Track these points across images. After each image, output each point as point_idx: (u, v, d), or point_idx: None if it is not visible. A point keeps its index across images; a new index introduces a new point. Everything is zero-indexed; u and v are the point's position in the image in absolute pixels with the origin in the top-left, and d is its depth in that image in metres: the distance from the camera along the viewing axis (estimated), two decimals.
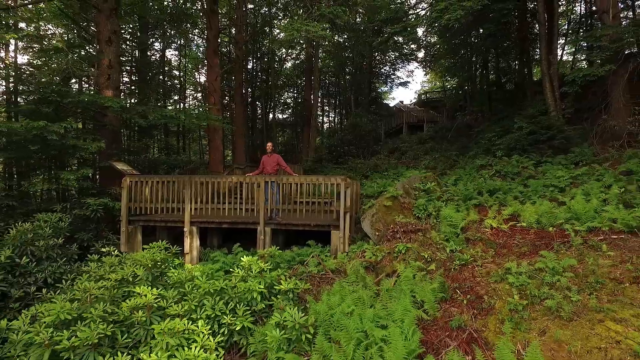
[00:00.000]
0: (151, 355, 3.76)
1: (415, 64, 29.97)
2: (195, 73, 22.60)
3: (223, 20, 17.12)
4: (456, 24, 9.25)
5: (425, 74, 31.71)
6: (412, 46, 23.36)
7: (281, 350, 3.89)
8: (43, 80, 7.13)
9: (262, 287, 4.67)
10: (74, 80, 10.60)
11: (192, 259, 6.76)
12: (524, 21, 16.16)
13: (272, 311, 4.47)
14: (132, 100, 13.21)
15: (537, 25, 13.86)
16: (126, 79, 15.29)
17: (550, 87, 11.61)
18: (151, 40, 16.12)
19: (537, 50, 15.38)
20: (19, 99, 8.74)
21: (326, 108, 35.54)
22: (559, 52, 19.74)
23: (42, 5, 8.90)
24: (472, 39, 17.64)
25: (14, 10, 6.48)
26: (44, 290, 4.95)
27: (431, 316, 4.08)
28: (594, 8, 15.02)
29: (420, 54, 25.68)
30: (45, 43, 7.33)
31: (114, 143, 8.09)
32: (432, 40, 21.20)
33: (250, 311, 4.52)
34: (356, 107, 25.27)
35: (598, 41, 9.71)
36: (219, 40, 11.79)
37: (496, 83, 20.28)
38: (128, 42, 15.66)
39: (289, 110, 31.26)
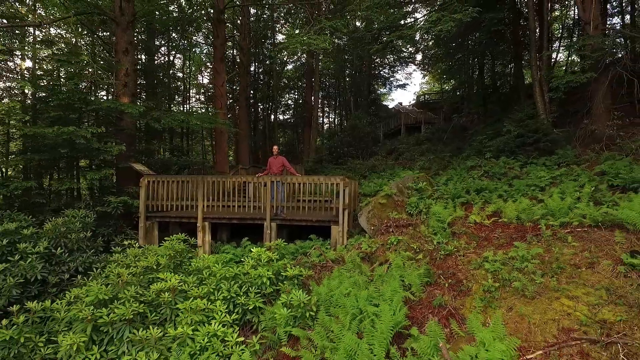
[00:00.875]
0: (177, 329, 4.44)
1: (414, 67, 30.57)
2: (199, 76, 23.27)
3: (227, 24, 17.79)
4: (448, 34, 9.90)
5: (424, 77, 32.33)
6: (411, 49, 24.01)
7: (288, 326, 4.56)
8: (65, 89, 7.77)
9: (270, 273, 5.34)
10: (83, 86, 11.17)
11: (205, 251, 7.42)
12: (517, 26, 16.80)
13: (279, 295, 5.14)
14: (147, 105, 13.84)
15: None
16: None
17: (540, 91, 12.28)
18: (157, 45, 16.76)
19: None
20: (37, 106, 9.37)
21: (326, 109, 36.23)
22: (555, 55, 20.42)
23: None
24: (468, 42, 18.28)
25: (44, 26, 7.13)
26: (79, 277, 5.62)
27: (417, 297, 4.75)
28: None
29: (419, 56, 26.36)
30: (64, 52, 7.90)
31: (131, 145, 8.75)
32: (430, 43, 21.81)
33: (260, 294, 5.19)
34: (356, 109, 25.93)
35: (581, 50, 10.38)
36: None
37: (491, 86, 20.95)
38: (136, 48, 16.30)
39: (290, 112, 31.97)
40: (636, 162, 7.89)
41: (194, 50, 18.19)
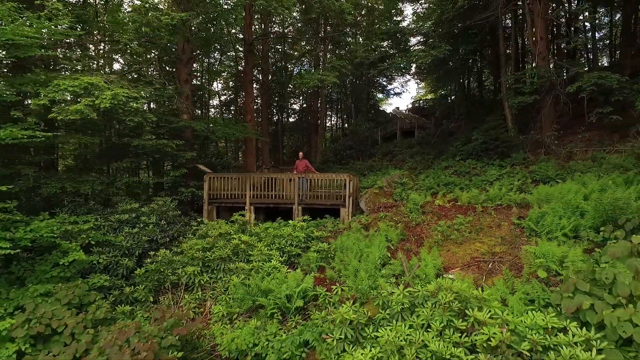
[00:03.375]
0: (252, 264, 7.52)
1: (409, 76, 33.50)
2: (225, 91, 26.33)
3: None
4: (425, 65, 12.94)
5: (418, 85, 35.28)
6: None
7: (317, 262, 7.63)
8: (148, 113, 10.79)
9: (303, 234, 8.42)
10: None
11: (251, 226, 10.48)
12: (496, 45, 19.84)
13: (309, 247, 8.21)
14: (206, 121, 16.74)
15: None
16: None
17: (508, 104, 15.31)
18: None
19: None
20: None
21: (328, 112, 39.27)
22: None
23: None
24: (451, 62, 21.34)
25: (124, 74, 10.10)
26: (181, 238, 8.70)
27: (394, 246, 7.82)
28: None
29: (413, 67, 29.37)
30: (157, 88, 10.55)
31: (191, 151, 11.76)
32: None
33: (298, 247, 8.27)
34: (356, 113, 28.97)
35: (529, 77, 13.43)
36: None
37: (476, 96, 24.02)
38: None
39: (295, 115, 35.04)
40: (559, 163, 10.95)
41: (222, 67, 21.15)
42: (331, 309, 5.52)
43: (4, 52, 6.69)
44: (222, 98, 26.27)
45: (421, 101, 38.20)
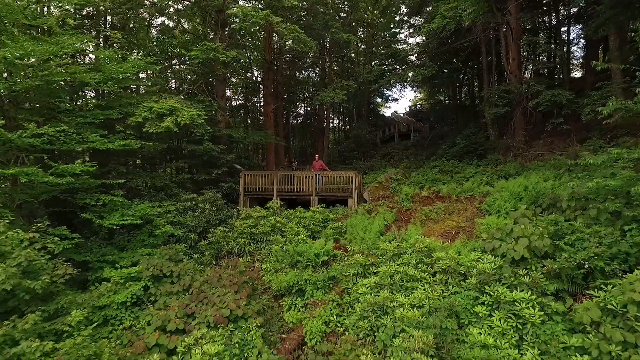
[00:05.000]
0: (286, 237, 10.34)
1: (405, 83, 36.33)
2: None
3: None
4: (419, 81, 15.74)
5: (414, 92, 38.01)
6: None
7: (333, 235, 10.45)
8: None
9: (321, 217, 11.25)
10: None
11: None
12: (480, 61, 22.65)
13: (327, 225, 11.02)
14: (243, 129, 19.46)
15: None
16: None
17: (486, 114, 18.12)
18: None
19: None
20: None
21: (331, 115, 42.08)
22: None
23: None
24: (442, 73, 24.18)
25: (184, 94, 12.95)
26: (228, 220, 11.52)
27: (389, 223, 10.65)
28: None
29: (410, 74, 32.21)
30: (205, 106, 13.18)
31: (229, 154, 14.57)
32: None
33: (318, 225, 11.08)
34: (358, 117, 31.74)
35: (504, 92, 16.24)
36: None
37: (466, 103, 26.84)
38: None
39: (300, 118, 37.88)
40: (521, 163, 13.75)
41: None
42: (346, 261, 8.36)
43: (110, 82, 9.45)
44: (234, 103, 29.08)
45: (418, 104, 40.98)
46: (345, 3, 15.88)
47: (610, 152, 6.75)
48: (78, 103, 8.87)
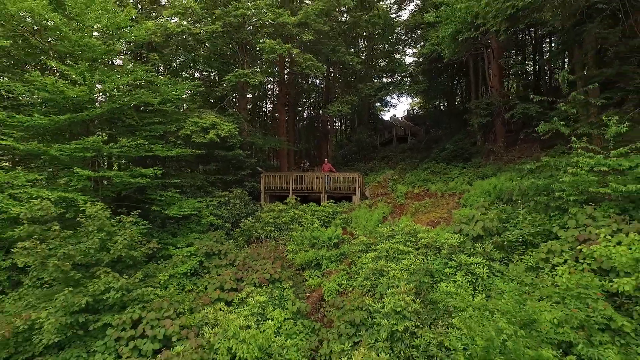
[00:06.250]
0: (303, 225, 12.90)
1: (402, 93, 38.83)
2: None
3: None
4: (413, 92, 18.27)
5: (412, 98, 40.46)
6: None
7: (342, 224, 12.99)
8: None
9: (331, 210, 13.79)
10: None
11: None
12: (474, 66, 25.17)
13: (335, 217, 13.56)
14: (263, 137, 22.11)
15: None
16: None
17: (472, 122, 20.65)
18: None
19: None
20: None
21: (334, 118, 44.60)
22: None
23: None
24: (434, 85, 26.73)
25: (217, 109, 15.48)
26: (255, 213, 14.07)
27: (387, 215, 13.19)
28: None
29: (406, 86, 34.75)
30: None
31: (252, 158, 17.07)
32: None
33: (328, 217, 13.62)
34: (359, 123, 34.23)
35: (486, 104, 18.77)
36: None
37: (458, 109, 29.30)
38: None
39: (305, 121, 40.42)
40: (498, 166, 16.26)
41: None
42: (353, 242, 10.89)
43: (169, 104, 11.98)
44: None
45: (415, 108, 43.50)
46: (347, 24, 18.32)
47: (542, 160, 9.29)
48: (144, 120, 11.36)
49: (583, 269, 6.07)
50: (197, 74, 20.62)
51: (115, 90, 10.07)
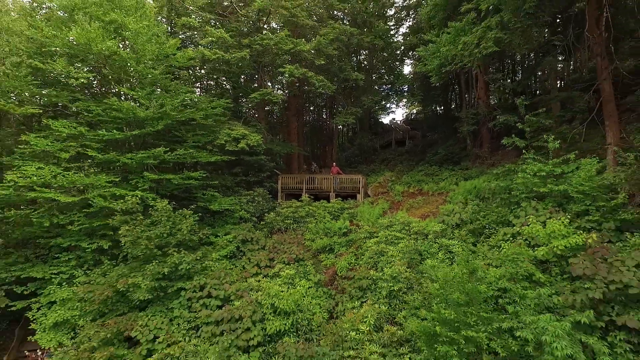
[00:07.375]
0: (317, 219, 15.59)
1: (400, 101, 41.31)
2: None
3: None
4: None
5: (410, 103, 43.08)
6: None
7: (349, 218, 15.67)
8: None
9: (339, 206, 16.48)
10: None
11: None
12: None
13: (343, 212, 16.23)
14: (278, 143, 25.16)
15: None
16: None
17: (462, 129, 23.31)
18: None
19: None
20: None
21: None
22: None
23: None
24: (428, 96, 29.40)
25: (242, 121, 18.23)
26: (275, 209, 16.76)
27: (386, 210, 15.88)
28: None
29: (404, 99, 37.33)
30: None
31: (271, 162, 19.73)
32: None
33: (337, 212, 16.29)
34: (361, 128, 36.85)
35: (473, 114, 21.43)
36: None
37: (454, 113, 31.91)
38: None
39: (309, 125, 43.10)
40: (482, 170, 18.91)
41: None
42: (358, 231, 13.57)
43: (210, 120, 14.62)
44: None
45: (413, 112, 46.10)
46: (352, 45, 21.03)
47: (504, 166, 11.95)
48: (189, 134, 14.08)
49: (520, 244, 8.74)
50: (212, 83, 23.34)
51: (169, 109, 12.71)
